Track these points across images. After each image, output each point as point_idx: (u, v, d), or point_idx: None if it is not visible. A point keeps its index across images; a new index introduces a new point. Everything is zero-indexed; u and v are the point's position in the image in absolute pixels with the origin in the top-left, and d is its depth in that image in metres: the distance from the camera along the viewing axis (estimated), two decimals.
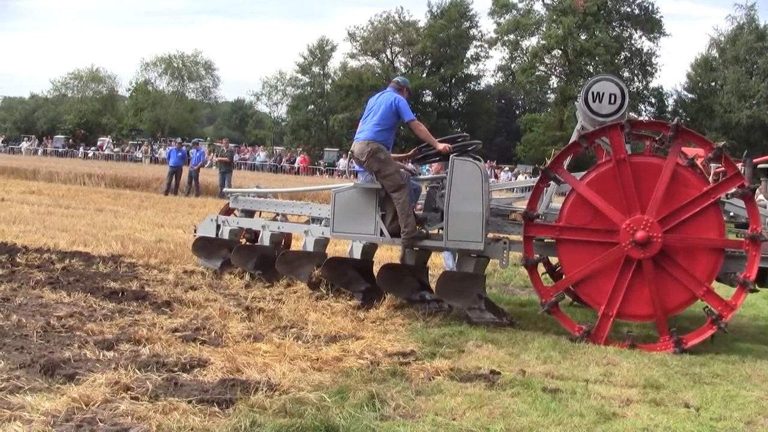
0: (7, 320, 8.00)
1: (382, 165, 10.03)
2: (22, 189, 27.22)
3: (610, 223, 9.23)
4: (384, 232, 10.16)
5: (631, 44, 74.48)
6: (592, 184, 9.38)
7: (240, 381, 6.46)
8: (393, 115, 10.23)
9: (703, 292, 9.13)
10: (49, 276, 10.63)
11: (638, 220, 9.10)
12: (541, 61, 75.30)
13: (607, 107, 9.66)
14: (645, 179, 9.18)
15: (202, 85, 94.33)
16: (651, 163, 9.29)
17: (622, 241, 9.15)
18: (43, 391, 5.98)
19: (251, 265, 11.46)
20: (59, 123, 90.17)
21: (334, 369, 7.19)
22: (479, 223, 9.60)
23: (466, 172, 9.69)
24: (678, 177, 9.14)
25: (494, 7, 76.16)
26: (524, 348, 8.60)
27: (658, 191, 9.10)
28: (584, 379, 7.43)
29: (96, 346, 7.29)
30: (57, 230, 15.56)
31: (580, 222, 9.40)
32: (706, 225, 9.09)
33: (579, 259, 9.40)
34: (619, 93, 9.70)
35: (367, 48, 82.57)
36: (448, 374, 7.26)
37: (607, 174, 9.36)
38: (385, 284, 10.39)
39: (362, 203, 10.20)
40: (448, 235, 9.78)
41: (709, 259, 9.11)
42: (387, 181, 10.03)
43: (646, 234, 9.03)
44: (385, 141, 10.19)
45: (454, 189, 9.68)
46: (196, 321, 8.67)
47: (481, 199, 9.61)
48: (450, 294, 9.99)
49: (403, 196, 9.96)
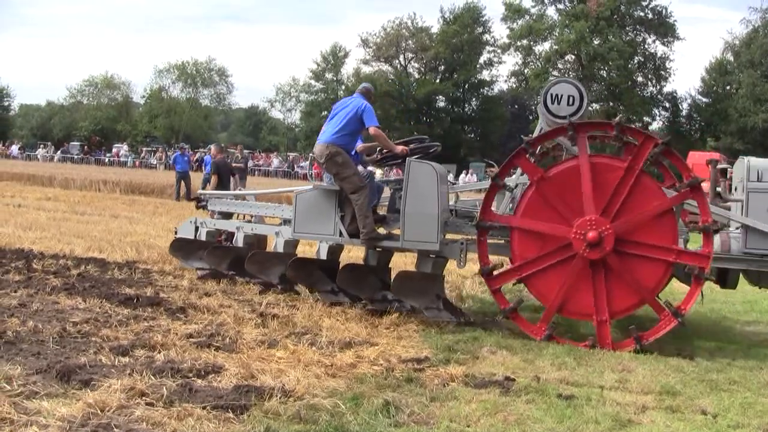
0: (24, 326, 8.04)
1: (340, 168, 10.28)
2: (38, 195, 27.39)
3: (560, 240, 9.31)
4: (343, 232, 10.42)
5: (644, 49, 74.20)
6: (528, 212, 9.48)
7: (254, 387, 6.47)
8: (357, 121, 10.43)
9: (674, 256, 9.16)
10: (64, 282, 10.68)
11: (584, 223, 9.17)
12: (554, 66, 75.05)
13: (565, 109, 9.80)
14: (572, 184, 9.29)
15: (216, 91, 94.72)
16: (571, 167, 9.40)
17: (578, 249, 9.22)
18: (59, 396, 6.01)
19: (225, 265, 11.67)
20: (75, 130, 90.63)
21: (348, 375, 7.19)
22: (434, 224, 9.78)
23: (421, 175, 9.88)
24: (597, 168, 9.24)
25: (507, 12, 76.06)
26: (539, 354, 8.58)
27: (587, 189, 9.20)
28: (599, 385, 7.40)
29: (111, 351, 7.32)
30: (73, 236, 15.64)
31: (534, 253, 9.47)
32: (645, 195, 9.17)
33: (551, 284, 9.42)
34: (578, 95, 9.86)
35: (380, 54, 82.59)
36: (462, 380, 7.24)
37: (539, 192, 9.44)
38: (347, 284, 10.54)
39: (322, 204, 10.50)
40: (404, 236, 9.97)
41: (665, 224, 9.19)
42: (345, 183, 10.28)
43: (596, 232, 9.10)
44: (345, 145, 10.43)
45: (410, 191, 9.88)
46: (211, 327, 8.68)
47: (436, 200, 9.78)
48: (408, 293, 10.09)
49: (361, 197, 10.19)
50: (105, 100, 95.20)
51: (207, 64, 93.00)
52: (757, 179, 9.46)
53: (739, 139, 65.38)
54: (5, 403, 5.62)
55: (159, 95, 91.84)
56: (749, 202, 9.46)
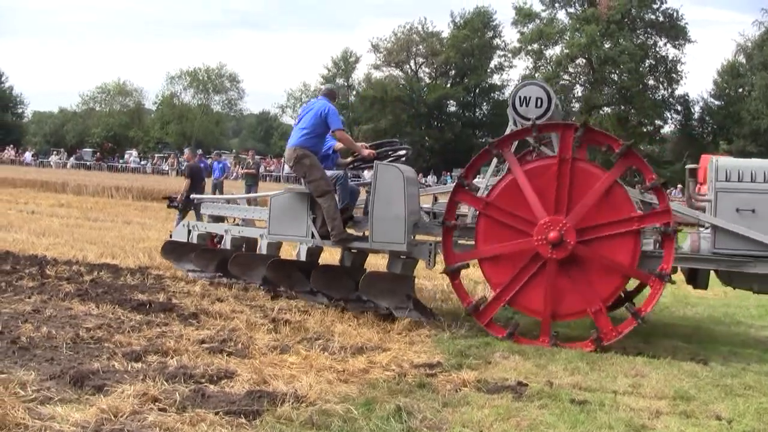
0: (38, 332, 8.07)
1: (307, 170, 10.47)
2: (51, 202, 27.52)
3: (531, 215, 9.44)
4: (315, 234, 10.61)
5: (655, 52, 73.91)
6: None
7: (267, 392, 6.47)
8: (322, 123, 10.59)
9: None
10: (78, 288, 10.73)
11: (549, 223, 9.31)
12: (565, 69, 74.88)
13: (534, 111, 9.91)
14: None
15: (228, 97, 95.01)
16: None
17: (546, 254, 9.34)
18: (72, 402, 6.04)
19: (212, 267, 11.83)
20: (87, 136, 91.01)
21: (360, 381, 7.19)
22: (401, 225, 9.94)
23: (389, 177, 10.05)
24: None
25: (517, 16, 75.92)
26: (551, 359, 8.56)
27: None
28: (612, 390, 7.37)
29: (124, 357, 7.34)
30: (85, 242, 15.71)
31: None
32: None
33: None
34: (546, 97, 9.93)
35: (390, 59, 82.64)
36: (474, 386, 7.24)
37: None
38: (321, 285, 10.73)
39: (295, 207, 10.72)
40: (372, 237, 10.17)
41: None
42: (312, 186, 10.47)
43: (559, 236, 9.23)
44: (312, 147, 10.59)
45: (378, 193, 10.05)
46: (223, 333, 8.70)
47: (403, 202, 9.94)
48: (377, 293, 10.18)
49: (329, 200, 10.38)
50: (117, 107, 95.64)
51: (218, 70, 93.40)
52: (725, 179, 9.43)
53: (752, 142, 65.00)
54: (20, 409, 5.64)
55: (171, 101, 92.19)
56: (717, 202, 9.45)
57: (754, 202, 9.30)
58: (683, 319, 12.12)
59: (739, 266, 9.40)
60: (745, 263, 9.35)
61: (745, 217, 9.30)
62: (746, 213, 9.31)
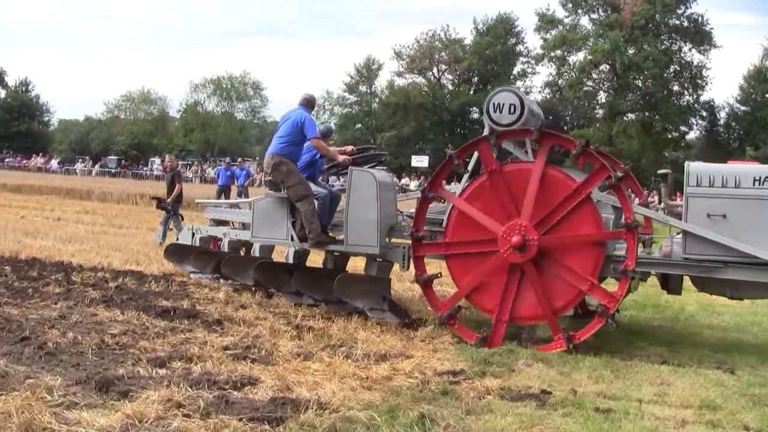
0: (64, 337, 8.14)
1: (285, 177, 10.89)
2: (77, 209, 27.72)
3: (489, 233, 9.62)
4: (294, 237, 11.02)
5: (680, 57, 73.42)
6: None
7: (290, 399, 6.49)
8: (299, 131, 10.98)
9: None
10: (103, 294, 10.80)
11: (513, 226, 9.44)
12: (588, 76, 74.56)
13: (507, 117, 10.03)
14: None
15: (251, 105, 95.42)
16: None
17: (502, 247, 9.49)
18: (98, 407, 6.08)
19: (209, 269, 12.32)
20: (112, 144, 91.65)
21: (383, 388, 7.19)
22: (374, 228, 10.26)
23: (362, 182, 10.38)
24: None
25: (540, 23, 75.73)
26: (575, 367, 8.51)
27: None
28: (637, 399, 7.32)
29: (149, 363, 7.39)
30: (110, 249, 15.81)
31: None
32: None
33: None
34: (518, 103, 10.04)
35: (413, 66, 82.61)
36: (498, 393, 7.22)
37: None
38: (302, 286, 11.17)
39: (276, 211, 11.18)
40: (347, 240, 10.47)
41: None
42: (291, 192, 10.89)
43: (521, 238, 9.36)
44: (290, 155, 11.01)
45: (352, 197, 10.41)
46: (247, 339, 8.72)
47: (376, 206, 10.24)
48: (352, 294, 10.50)
49: (306, 205, 10.76)
50: (141, 115, 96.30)
51: (242, 78, 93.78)
52: (696, 184, 9.40)
53: None
54: (46, 413, 5.70)
55: (194, 109, 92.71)
56: (689, 207, 9.45)
57: (725, 207, 9.26)
58: (709, 327, 12.02)
59: (710, 272, 9.38)
60: (715, 269, 9.33)
61: (716, 222, 9.27)
62: (717, 218, 9.28)
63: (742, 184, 9.20)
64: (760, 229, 9.11)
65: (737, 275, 9.26)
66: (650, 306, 13.32)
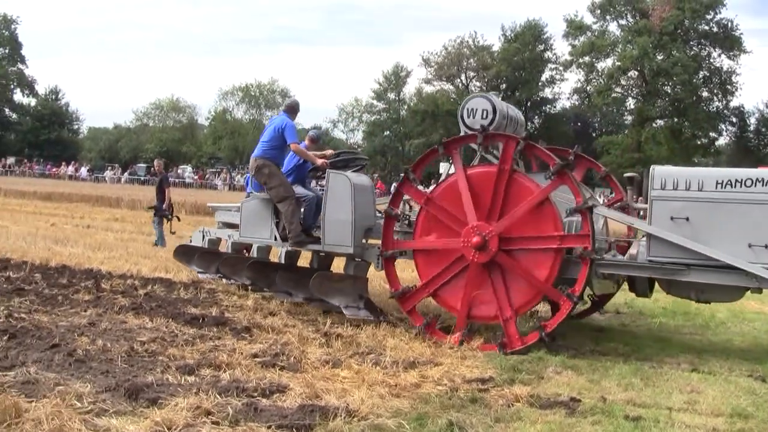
0: (93, 344, 8.19)
1: (267, 179, 11.49)
2: (106, 216, 27.95)
3: (453, 233, 9.90)
4: (277, 236, 11.56)
5: (709, 63, 72.86)
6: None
7: (319, 407, 6.49)
8: (280, 136, 11.61)
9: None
10: (132, 302, 10.86)
11: (476, 227, 9.69)
12: (617, 82, 74.16)
13: (479, 121, 10.35)
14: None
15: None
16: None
17: (463, 246, 9.79)
18: (127, 414, 6.11)
19: (213, 268, 12.69)
20: (141, 152, 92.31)
21: (412, 395, 7.18)
22: (349, 229, 10.67)
23: (337, 185, 10.84)
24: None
25: (568, 29, 75.46)
26: (605, 374, 8.46)
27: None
28: (667, 407, 7.25)
29: (178, 370, 7.42)
30: (140, 257, 15.90)
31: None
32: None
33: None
34: (491, 108, 10.38)
35: (441, 73, 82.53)
36: (527, 401, 7.18)
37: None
38: (287, 285, 11.61)
39: (261, 212, 11.74)
40: (324, 240, 10.92)
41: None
42: (272, 193, 11.49)
43: (481, 239, 9.63)
44: (272, 158, 11.60)
45: (329, 199, 10.88)
46: (276, 346, 8.74)
47: (350, 208, 10.65)
48: (329, 292, 10.85)
49: (286, 206, 11.29)
50: (170, 123, 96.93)
51: (270, 85, 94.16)
52: (660, 187, 9.50)
53: None
54: (76, 420, 5.74)
55: (223, 117, 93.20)
56: (652, 209, 9.54)
57: (688, 210, 9.37)
58: (740, 334, 11.89)
59: (674, 274, 9.48)
60: (678, 271, 9.42)
61: (679, 225, 9.39)
62: (680, 221, 9.38)
63: (705, 188, 9.33)
64: (721, 231, 9.22)
65: (700, 278, 9.38)
66: (680, 313, 13.20)
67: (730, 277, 9.22)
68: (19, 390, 6.44)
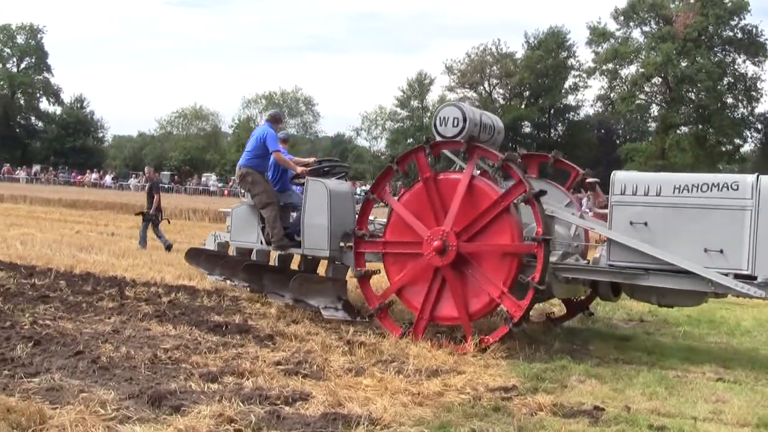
0: (117, 352, 8.23)
1: (251, 186, 12.15)
2: (130, 224, 28.03)
3: (418, 236, 10.17)
4: (262, 240, 12.11)
5: (734, 69, 72.46)
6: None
7: (342, 415, 6.49)
8: (262, 145, 12.18)
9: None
10: (156, 309, 10.91)
11: (437, 233, 9.94)
12: (640, 89, 73.89)
13: (451, 130, 10.43)
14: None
15: (303, 120, 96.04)
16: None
17: (425, 251, 10.01)
18: (150, 421, 6.13)
19: (218, 271, 12.94)
20: (165, 160, 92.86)
21: (435, 404, 7.16)
22: (325, 234, 11.15)
23: (315, 191, 11.35)
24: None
25: (591, 36, 75.31)
26: (629, 383, 8.40)
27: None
28: (692, 416, 7.19)
29: (201, 378, 7.44)
30: (163, 264, 15.96)
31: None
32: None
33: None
34: (461, 117, 10.44)
35: (464, 80, 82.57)
36: (550, 410, 7.13)
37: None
38: (274, 286, 11.93)
39: (249, 217, 12.32)
40: (304, 243, 11.43)
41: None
42: (256, 200, 12.11)
43: (442, 243, 9.87)
44: (256, 166, 12.20)
45: (307, 205, 11.40)
46: (298, 354, 8.75)
47: (327, 213, 11.14)
48: (308, 293, 11.26)
49: (269, 211, 11.87)
50: (194, 131, 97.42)
51: (293, 93, 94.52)
52: (620, 192, 9.58)
53: None
54: (99, 427, 5.78)
55: (247, 125, 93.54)
56: (612, 214, 9.64)
57: (647, 215, 9.45)
58: (766, 343, 11.76)
59: (633, 278, 9.56)
60: (637, 275, 9.50)
61: (638, 229, 9.45)
62: (639, 226, 9.47)
63: (663, 193, 9.39)
64: (679, 236, 9.29)
65: (658, 282, 9.46)
66: (705, 322, 13.09)
67: (687, 282, 9.28)
68: (44, 396, 6.49)
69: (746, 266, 8.91)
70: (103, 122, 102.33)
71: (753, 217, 8.90)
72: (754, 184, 8.94)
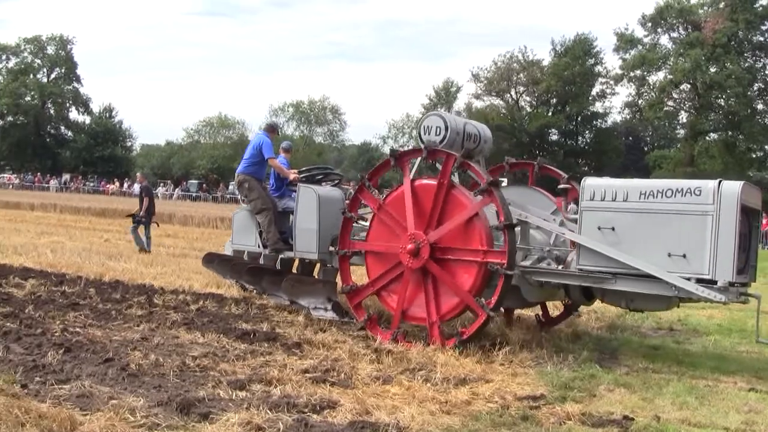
0: (146, 359, 8.27)
1: (247, 192, 13.05)
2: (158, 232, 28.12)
3: (395, 239, 10.52)
4: (260, 244, 12.90)
5: (764, 75, 71.85)
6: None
7: (369, 423, 6.48)
8: (258, 153, 13.13)
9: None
10: (184, 317, 10.96)
11: (413, 235, 10.26)
12: (669, 96, 73.45)
13: (434, 138, 10.86)
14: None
15: (330, 128, 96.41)
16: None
17: (401, 252, 10.38)
18: (179, 428, 6.16)
19: (228, 274, 13.56)
20: (193, 168, 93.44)
21: (463, 412, 7.13)
22: (314, 237, 11.88)
23: (305, 197, 12.11)
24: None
25: (619, 42, 74.97)
26: (658, 392, 8.32)
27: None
28: (724, 427, 7.11)
29: (229, 386, 7.45)
30: (191, 272, 16.02)
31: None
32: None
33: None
34: (443, 125, 10.83)
35: (491, 88, 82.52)
36: (579, 419, 7.08)
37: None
38: (271, 288, 12.57)
39: (248, 221, 13.15)
40: (295, 247, 12.21)
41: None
42: (252, 205, 12.99)
43: (415, 246, 10.19)
44: (253, 173, 13.15)
45: (299, 210, 12.15)
46: (326, 362, 8.75)
47: (316, 218, 11.86)
48: (299, 294, 11.95)
49: (263, 217, 12.72)
50: (221, 139, 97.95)
51: (321, 102, 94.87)
52: (590, 198, 9.74)
53: None
54: None
55: None
56: (582, 220, 9.80)
57: (614, 220, 9.55)
58: None
59: (601, 282, 9.71)
60: (606, 280, 9.63)
61: (606, 234, 9.58)
62: (607, 231, 9.57)
63: (630, 198, 9.51)
64: (644, 241, 9.37)
65: (626, 287, 9.58)
66: (736, 331, 12.96)
67: (652, 286, 9.34)
68: (74, 403, 6.54)
69: (707, 271, 8.96)
70: (131, 131, 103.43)
71: (714, 222, 8.96)
72: (715, 190, 9.00)
